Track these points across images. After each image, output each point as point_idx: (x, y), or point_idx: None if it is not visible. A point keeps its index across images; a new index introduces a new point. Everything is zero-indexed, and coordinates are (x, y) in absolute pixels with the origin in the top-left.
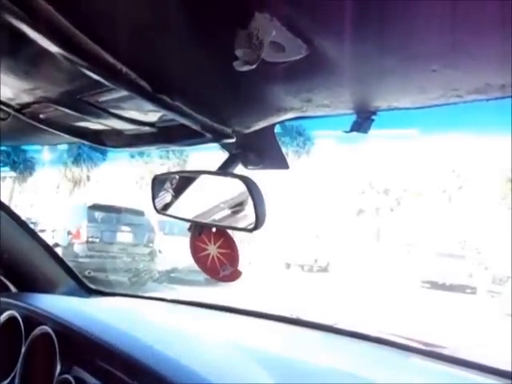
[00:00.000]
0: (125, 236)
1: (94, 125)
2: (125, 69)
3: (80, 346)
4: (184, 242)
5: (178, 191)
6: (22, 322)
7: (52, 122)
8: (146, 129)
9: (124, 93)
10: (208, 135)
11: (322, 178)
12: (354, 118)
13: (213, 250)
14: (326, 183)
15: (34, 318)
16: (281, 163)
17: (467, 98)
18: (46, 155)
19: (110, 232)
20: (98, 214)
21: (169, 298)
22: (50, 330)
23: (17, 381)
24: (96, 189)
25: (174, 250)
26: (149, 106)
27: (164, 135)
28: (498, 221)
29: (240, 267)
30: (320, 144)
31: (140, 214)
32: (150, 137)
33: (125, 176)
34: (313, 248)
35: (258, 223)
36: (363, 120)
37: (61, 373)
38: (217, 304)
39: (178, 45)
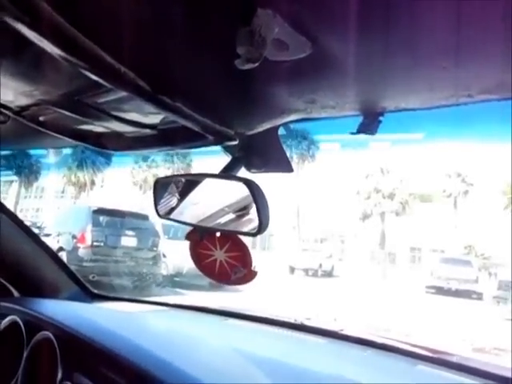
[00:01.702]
0: (129, 240)
1: (94, 127)
2: (123, 68)
3: (82, 352)
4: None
5: (181, 195)
6: (24, 327)
7: (52, 125)
8: (147, 131)
9: (123, 93)
10: (210, 137)
11: (328, 182)
12: (360, 119)
13: (220, 254)
14: (331, 188)
15: (35, 324)
16: (285, 166)
17: (478, 97)
18: (51, 160)
19: (115, 236)
20: (102, 219)
21: (172, 302)
22: (51, 336)
23: None
24: (100, 193)
25: (178, 255)
26: (149, 107)
27: (165, 138)
28: (505, 226)
29: (254, 268)
30: (325, 148)
31: (144, 218)
32: (151, 139)
33: (129, 180)
34: (317, 252)
35: (262, 227)
36: (370, 121)
37: (62, 379)
38: (220, 309)
39: (179, 44)
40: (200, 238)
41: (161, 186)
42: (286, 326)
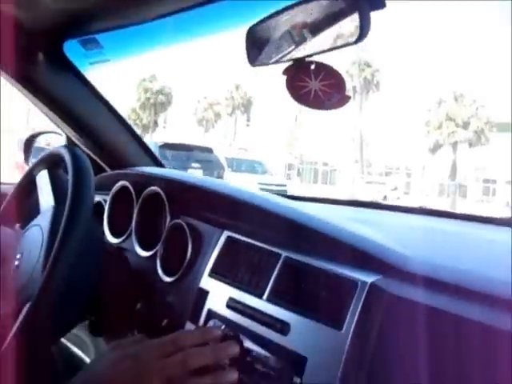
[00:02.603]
0: (195, 172)
1: None
2: None
3: (188, 198)
4: (251, 178)
5: (272, 35)
6: (133, 187)
7: None
8: None
9: None
10: None
11: (394, 112)
12: None
13: (315, 84)
14: (397, 118)
15: (143, 183)
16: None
17: None
18: (114, 102)
19: (181, 169)
20: (168, 153)
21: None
22: (158, 189)
23: (133, 236)
24: (163, 134)
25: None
26: None
27: None
28: None
29: (347, 92)
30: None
31: (209, 150)
32: None
33: (191, 119)
34: (382, 185)
35: (363, 33)
36: None
37: (171, 219)
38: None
39: None
40: (295, 71)
41: (252, 34)
42: (362, 206)
